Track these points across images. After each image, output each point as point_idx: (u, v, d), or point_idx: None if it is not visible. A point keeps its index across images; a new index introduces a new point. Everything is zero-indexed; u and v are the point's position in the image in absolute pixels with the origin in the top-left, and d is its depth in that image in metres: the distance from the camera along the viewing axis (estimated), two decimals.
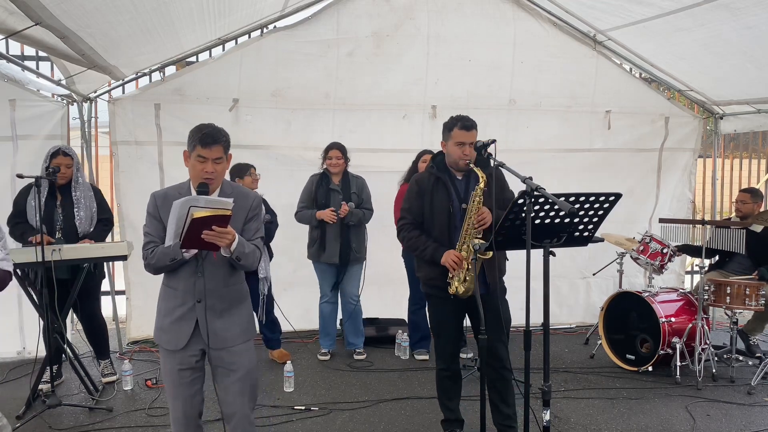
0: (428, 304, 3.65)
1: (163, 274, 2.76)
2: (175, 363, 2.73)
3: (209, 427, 3.71)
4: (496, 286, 3.35)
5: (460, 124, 3.34)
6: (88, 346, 4.90)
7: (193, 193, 2.65)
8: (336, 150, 5.11)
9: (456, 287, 3.34)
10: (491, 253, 3.09)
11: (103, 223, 4.57)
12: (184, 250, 2.58)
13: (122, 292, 5.71)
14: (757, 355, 5.29)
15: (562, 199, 2.63)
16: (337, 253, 5.05)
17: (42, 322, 4.33)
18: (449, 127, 3.40)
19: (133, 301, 5.68)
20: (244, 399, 2.79)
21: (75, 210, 4.37)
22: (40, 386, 4.26)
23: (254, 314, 2.96)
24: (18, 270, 4.03)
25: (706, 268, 5.41)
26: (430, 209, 3.43)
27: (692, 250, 5.65)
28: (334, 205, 5.02)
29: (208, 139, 2.60)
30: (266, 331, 5.18)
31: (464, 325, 3.71)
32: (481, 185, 3.21)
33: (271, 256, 5.18)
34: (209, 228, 2.46)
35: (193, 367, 2.74)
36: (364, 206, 5.15)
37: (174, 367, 2.73)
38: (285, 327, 5.43)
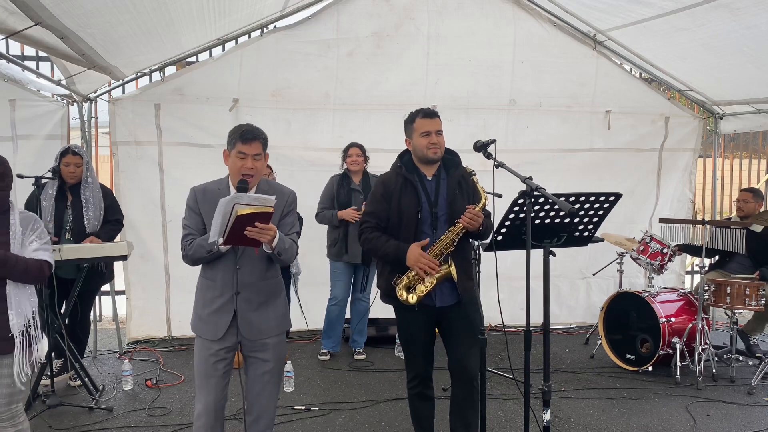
0: (396, 316, 3.29)
1: (200, 267, 2.84)
2: (210, 355, 2.78)
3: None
4: (467, 294, 3.09)
5: (422, 113, 3.14)
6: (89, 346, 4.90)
7: (233, 189, 2.74)
8: (356, 148, 5.14)
9: (404, 296, 3.04)
10: (454, 273, 2.96)
11: (112, 224, 4.56)
12: (220, 244, 2.64)
13: (122, 292, 5.72)
14: (757, 355, 5.29)
15: (562, 199, 2.63)
16: (360, 252, 5.04)
17: (40, 322, 4.33)
18: (410, 120, 3.19)
19: (133, 301, 5.69)
20: (271, 390, 2.89)
21: (84, 210, 4.37)
22: (40, 386, 4.25)
23: (288, 308, 3.01)
24: None
25: (706, 268, 5.41)
26: (397, 213, 3.11)
27: (693, 250, 5.65)
28: (356, 204, 5.03)
29: (248, 135, 2.73)
30: None
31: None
32: (479, 207, 3.01)
33: None
34: (252, 224, 2.54)
35: (225, 358, 2.80)
36: None
37: (209, 358, 2.78)
38: (297, 326, 5.41)
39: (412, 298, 3.04)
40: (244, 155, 2.72)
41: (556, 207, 2.69)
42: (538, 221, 2.73)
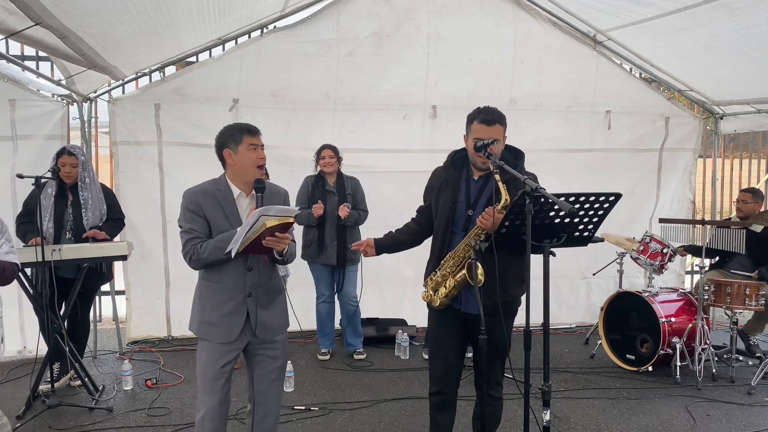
0: (428, 314, 3.20)
1: (200, 271, 2.82)
2: (219, 358, 2.77)
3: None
4: (497, 308, 2.81)
5: (481, 117, 2.92)
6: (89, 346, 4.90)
7: (234, 188, 2.76)
8: (329, 150, 5.13)
9: (430, 297, 3.04)
10: (481, 278, 2.78)
11: (114, 221, 4.56)
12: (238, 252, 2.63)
13: (122, 292, 5.72)
14: (757, 355, 5.30)
15: (562, 199, 2.62)
16: (335, 254, 5.06)
17: (39, 322, 4.33)
18: (470, 119, 2.99)
19: (132, 301, 5.69)
20: (279, 386, 2.92)
21: (83, 211, 4.36)
22: (41, 386, 4.25)
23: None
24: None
25: (707, 268, 5.41)
26: (436, 209, 3.09)
27: (695, 250, 5.66)
28: (331, 206, 5.04)
29: (254, 128, 2.78)
30: None
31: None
32: (499, 207, 2.73)
33: None
34: (272, 234, 2.56)
35: (232, 361, 2.81)
36: (359, 207, 5.16)
37: (218, 362, 2.76)
38: (294, 326, 5.42)
39: (436, 302, 3.02)
40: (256, 146, 2.73)
41: (556, 207, 2.68)
42: (538, 221, 2.72)
